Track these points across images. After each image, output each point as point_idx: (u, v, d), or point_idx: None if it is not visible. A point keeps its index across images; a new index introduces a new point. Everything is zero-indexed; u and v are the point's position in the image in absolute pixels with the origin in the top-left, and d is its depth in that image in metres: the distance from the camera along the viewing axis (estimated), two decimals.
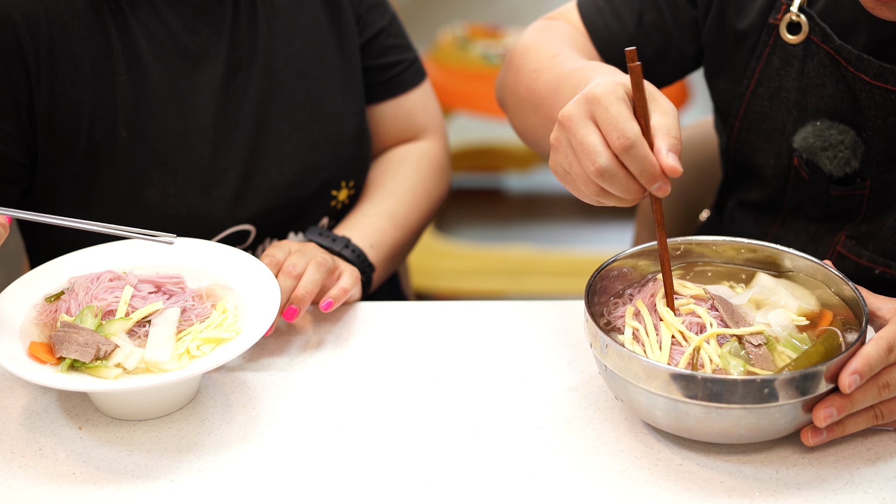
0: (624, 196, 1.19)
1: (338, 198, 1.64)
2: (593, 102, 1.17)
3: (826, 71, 1.42)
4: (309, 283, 1.39)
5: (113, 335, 1.27)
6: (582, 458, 1.22)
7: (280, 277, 1.39)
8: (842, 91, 1.42)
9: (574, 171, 1.20)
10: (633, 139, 1.14)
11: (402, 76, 1.74)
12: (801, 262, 1.32)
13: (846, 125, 1.42)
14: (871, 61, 1.38)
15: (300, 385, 1.34)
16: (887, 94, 1.38)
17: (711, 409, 1.15)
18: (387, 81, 1.73)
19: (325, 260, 1.43)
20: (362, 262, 1.54)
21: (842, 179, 1.45)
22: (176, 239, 1.34)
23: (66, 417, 1.28)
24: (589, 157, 1.16)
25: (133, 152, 1.48)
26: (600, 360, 1.22)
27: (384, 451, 1.24)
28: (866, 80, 1.38)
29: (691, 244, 1.36)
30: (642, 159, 1.15)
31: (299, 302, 1.38)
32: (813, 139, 1.43)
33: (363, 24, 1.69)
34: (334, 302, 1.42)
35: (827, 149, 1.42)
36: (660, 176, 1.16)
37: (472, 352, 1.40)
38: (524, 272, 3.35)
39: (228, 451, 1.24)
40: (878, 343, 1.16)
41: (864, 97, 1.40)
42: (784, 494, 1.16)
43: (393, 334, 1.44)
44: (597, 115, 1.16)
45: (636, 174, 1.16)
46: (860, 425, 1.19)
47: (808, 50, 1.43)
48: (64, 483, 1.19)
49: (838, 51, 1.40)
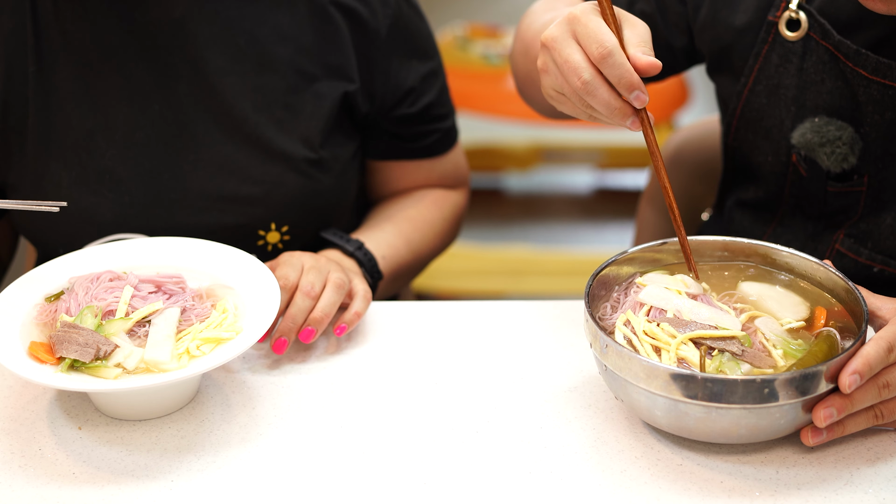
0: (605, 112, 1.23)
1: (267, 239, 1.58)
2: (573, 21, 1.23)
3: (825, 67, 1.43)
4: (327, 306, 1.39)
5: (113, 335, 1.27)
6: (582, 458, 1.22)
7: (298, 297, 1.38)
8: (840, 87, 1.42)
9: (566, 90, 1.25)
10: (610, 48, 1.20)
11: (440, 143, 1.72)
12: (799, 261, 1.32)
13: (844, 121, 1.43)
14: (870, 56, 1.38)
15: (300, 385, 1.34)
16: (885, 89, 1.38)
17: (711, 409, 1.15)
18: (426, 147, 1.71)
19: (342, 281, 1.42)
20: (372, 266, 1.54)
21: (839, 176, 1.45)
22: (61, 204, 1.34)
23: (66, 417, 1.28)
24: (574, 73, 1.22)
25: (38, 143, 1.50)
26: (600, 360, 1.22)
27: (384, 451, 1.24)
28: (864, 75, 1.39)
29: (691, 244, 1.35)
30: (619, 66, 1.20)
31: (317, 324, 1.38)
32: (811, 135, 1.43)
33: (416, 95, 1.65)
34: (348, 327, 1.41)
35: (825, 144, 1.42)
36: (637, 83, 1.21)
37: (473, 352, 1.40)
38: (524, 272, 3.35)
39: (228, 451, 1.24)
40: (878, 343, 1.16)
41: (862, 93, 1.40)
42: (784, 494, 1.16)
43: (393, 334, 1.44)
44: (577, 32, 1.23)
45: (615, 83, 1.22)
46: (860, 425, 1.19)
47: (807, 47, 1.44)
48: (64, 483, 1.19)
49: (837, 46, 1.40)
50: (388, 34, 1.60)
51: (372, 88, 1.61)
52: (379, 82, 1.62)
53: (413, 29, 1.64)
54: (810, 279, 1.31)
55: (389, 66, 1.62)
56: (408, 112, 1.66)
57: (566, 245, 3.57)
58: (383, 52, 1.61)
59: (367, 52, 1.60)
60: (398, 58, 1.62)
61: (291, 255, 1.45)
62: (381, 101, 1.63)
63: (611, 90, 1.22)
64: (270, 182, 1.55)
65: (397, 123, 1.66)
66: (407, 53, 1.63)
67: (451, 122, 1.73)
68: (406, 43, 1.63)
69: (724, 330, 1.22)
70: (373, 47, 1.60)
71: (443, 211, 1.74)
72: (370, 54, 1.60)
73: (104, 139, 1.51)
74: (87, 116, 1.51)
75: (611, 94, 1.22)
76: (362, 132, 1.67)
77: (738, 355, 1.20)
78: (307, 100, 1.56)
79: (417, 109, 1.66)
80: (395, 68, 1.62)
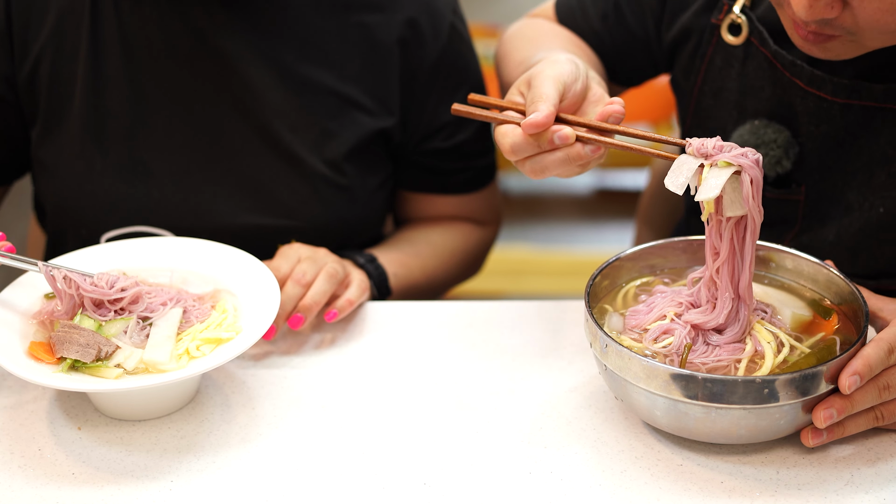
0: (562, 168, 1.25)
1: None
2: None
3: (764, 74, 1.41)
4: (317, 294, 1.39)
5: (113, 336, 1.27)
6: (582, 458, 1.22)
7: (289, 284, 1.38)
8: (779, 95, 1.41)
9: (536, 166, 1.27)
10: None
11: (473, 181, 1.70)
12: (801, 262, 1.31)
13: (782, 125, 1.41)
14: (805, 68, 1.37)
15: (300, 385, 1.34)
16: (820, 101, 1.37)
17: (711, 409, 1.15)
18: (458, 183, 1.69)
19: (336, 270, 1.42)
20: (382, 281, 1.54)
21: (776, 182, 1.44)
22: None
23: (66, 417, 1.28)
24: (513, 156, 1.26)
25: (81, 124, 1.51)
26: (600, 359, 1.22)
27: (384, 451, 1.24)
28: (801, 85, 1.37)
29: (691, 244, 1.35)
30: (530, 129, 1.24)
31: (306, 311, 1.38)
32: (748, 136, 1.42)
33: (451, 131, 1.63)
34: (339, 314, 1.42)
35: (759, 146, 1.40)
36: (539, 126, 1.22)
37: (472, 352, 1.40)
38: (524, 272, 3.34)
39: (228, 451, 1.24)
40: (879, 344, 1.16)
41: (798, 102, 1.39)
42: (784, 494, 1.16)
43: (393, 334, 1.44)
44: None
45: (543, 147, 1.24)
46: (861, 427, 1.19)
47: (748, 52, 1.43)
48: (64, 483, 1.19)
49: (775, 55, 1.39)
50: (432, 67, 1.59)
51: (406, 119, 1.61)
52: (413, 113, 1.61)
53: (460, 64, 1.63)
54: (812, 280, 1.31)
55: (427, 99, 1.61)
56: (441, 146, 1.64)
57: (566, 245, 3.56)
58: (423, 84, 1.60)
59: (410, 84, 1.59)
60: (438, 92, 1.61)
61: (290, 247, 1.46)
62: (414, 132, 1.62)
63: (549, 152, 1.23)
64: (298, 200, 1.55)
65: (429, 156, 1.65)
66: (448, 88, 1.62)
67: (487, 161, 1.70)
68: (449, 78, 1.62)
69: None
70: (415, 79, 1.59)
71: (467, 243, 1.72)
72: (412, 85, 1.59)
73: (144, 133, 1.52)
74: (132, 108, 1.52)
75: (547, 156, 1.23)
76: (394, 161, 1.66)
77: None
78: (345, 126, 1.56)
79: (451, 145, 1.65)
80: (432, 102, 1.61)
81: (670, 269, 1.35)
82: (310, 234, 1.54)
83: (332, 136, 1.56)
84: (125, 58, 1.51)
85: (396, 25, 1.56)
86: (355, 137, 1.56)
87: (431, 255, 1.66)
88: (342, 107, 1.56)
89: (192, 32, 1.51)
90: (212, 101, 1.52)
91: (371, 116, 1.57)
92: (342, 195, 1.57)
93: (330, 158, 1.56)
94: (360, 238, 1.63)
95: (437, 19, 1.59)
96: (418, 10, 1.57)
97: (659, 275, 1.35)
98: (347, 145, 1.56)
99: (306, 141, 1.55)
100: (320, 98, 1.55)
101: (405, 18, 1.56)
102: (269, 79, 1.53)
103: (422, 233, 1.69)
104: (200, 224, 1.52)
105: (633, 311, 1.29)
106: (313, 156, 1.55)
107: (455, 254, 1.70)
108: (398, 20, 1.56)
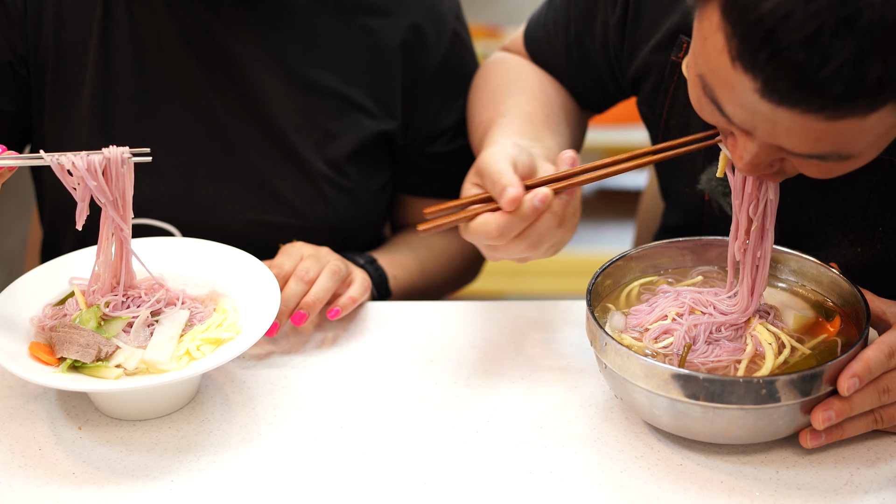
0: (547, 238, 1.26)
1: None
2: None
3: None
4: (320, 291, 1.39)
5: (113, 336, 1.27)
6: (582, 457, 1.22)
7: (292, 281, 1.38)
8: None
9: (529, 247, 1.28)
10: None
11: None
12: (804, 263, 1.31)
13: None
14: None
15: (300, 385, 1.34)
16: None
17: (711, 408, 1.15)
18: (458, 189, 1.66)
19: (339, 268, 1.42)
20: (381, 283, 1.54)
21: None
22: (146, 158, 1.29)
23: (66, 417, 1.28)
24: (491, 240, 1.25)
25: (87, 112, 1.51)
26: (600, 359, 1.22)
27: (384, 451, 1.24)
28: None
29: (696, 244, 1.35)
30: None
31: (309, 308, 1.38)
32: (716, 182, 1.39)
33: (452, 135, 1.63)
34: (341, 311, 1.42)
35: (727, 195, 1.37)
36: (511, 200, 1.20)
37: (472, 351, 1.40)
38: (524, 272, 3.34)
39: (228, 451, 1.24)
40: (880, 347, 1.16)
41: None
42: (784, 494, 1.16)
43: (393, 334, 1.44)
44: None
45: None
46: (860, 429, 1.19)
47: None
48: (64, 483, 1.19)
49: None
50: (435, 71, 1.60)
51: (408, 122, 1.61)
52: (415, 117, 1.61)
53: (462, 69, 1.63)
54: (815, 281, 1.31)
55: (430, 104, 1.61)
56: (441, 151, 1.65)
57: (566, 245, 3.56)
58: (425, 89, 1.60)
59: (412, 88, 1.60)
60: (440, 96, 1.62)
61: (292, 245, 1.46)
62: (415, 135, 1.63)
63: None
64: (301, 199, 1.56)
65: (430, 160, 1.66)
66: (451, 93, 1.62)
67: None
68: (451, 83, 1.62)
69: None
70: (417, 83, 1.60)
71: (465, 248, 1.71)
72: (414, 90, 1.60)
73: (150, 125, 1.53)
74: (138, 100, 1.52)
75: None
76: (395, 164, 1.66)
77: None
78: (347, 127, 1.57)
79: (451, 149, 1.65)
80: (435, 106, 1.62)
81: (675, 269, 1.35)
82: (312, 233, 1.54)
83: (334, 138, 1.56)
84: (135, 52, 1.51)
85: (400, 30, 1.57)
86: (357, 139, 1.57)
87: (431, 259, 1.66)
88: (345, 109, 1.56)
89: (201, 28, 1.51)
90: (219, 98, 1.53)
91: (373, 119, 1.58)
92: (345, 196, 1.58)
93: (332, 159, 1.56)
94: (362, 239, 1.64)
95: (441, 25, 1.59)
96: (422, 16, 1.58)
97: (663, 274, 1.35)
98: (349, 147, 1.57)
99: (309, 141, 1.56)
100: (324, 99, 1.55)
101: (409, 23, 1.57)
102: (274, 78, 1.53)
103: (421, 237, 1.70)
104: (204, 219, 1.53)
105: (636, 310, 1.29)
106: (316, 156, 1.56)
107: (453, 258, 1.70)
108: (402, 25, 1.57)
